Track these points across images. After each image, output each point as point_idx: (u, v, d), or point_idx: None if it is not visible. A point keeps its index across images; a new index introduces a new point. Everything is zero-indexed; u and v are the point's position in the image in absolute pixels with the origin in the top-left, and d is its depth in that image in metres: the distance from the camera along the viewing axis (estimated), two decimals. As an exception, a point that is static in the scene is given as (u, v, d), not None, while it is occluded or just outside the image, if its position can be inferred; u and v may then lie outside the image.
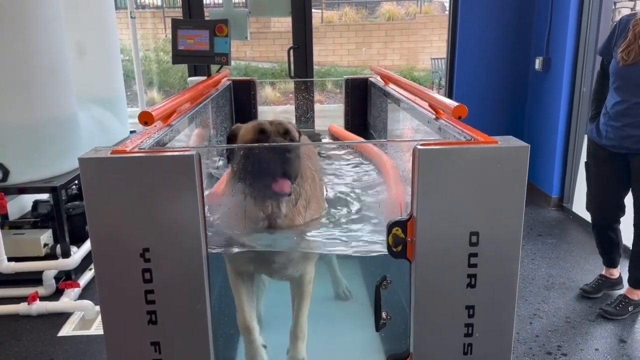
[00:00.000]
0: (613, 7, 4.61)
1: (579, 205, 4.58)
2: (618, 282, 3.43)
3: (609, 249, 3.33)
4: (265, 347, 1.78)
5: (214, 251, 1.53)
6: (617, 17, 4.73)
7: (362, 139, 2.86)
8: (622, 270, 3.42)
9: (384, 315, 1.34)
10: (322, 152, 2.39)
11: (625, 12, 4.78)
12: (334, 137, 2.95)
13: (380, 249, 1.41)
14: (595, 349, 2.88)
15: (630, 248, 3.19)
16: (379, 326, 1.34)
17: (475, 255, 1.21)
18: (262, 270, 1.82)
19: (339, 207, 1.83)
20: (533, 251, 4.07)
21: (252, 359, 1.75)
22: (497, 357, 1.29)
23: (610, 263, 3.38)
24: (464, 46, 5.10)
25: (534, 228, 4.51)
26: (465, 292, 1.23)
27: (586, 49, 4.47)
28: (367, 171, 2.20)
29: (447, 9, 5.99)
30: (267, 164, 1.53)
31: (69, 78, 3.59)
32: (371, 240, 1.58)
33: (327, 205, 1.83)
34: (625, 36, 2.94)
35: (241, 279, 1.75)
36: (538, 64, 4.92)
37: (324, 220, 1.74)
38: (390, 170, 1.92)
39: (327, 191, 1.94)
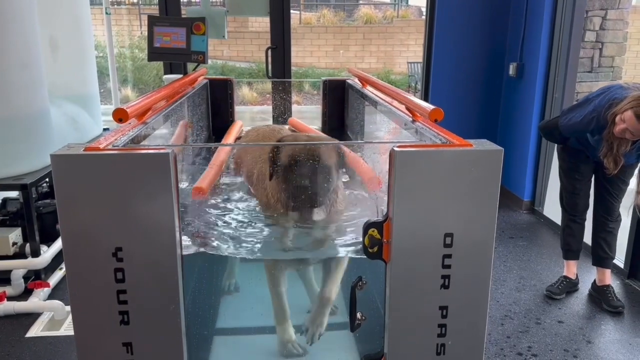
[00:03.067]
0: (585, 16, 4.71)
1: (550, 209, 4.67)
2: (577, 283, 3.58)
3: (578, 242, 3.50)
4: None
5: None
6: (589, 25, 4.85)
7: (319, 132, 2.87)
8: (578, 272, 3.60)
9: (359, 315, 1.35)
10: None
11: (597, 21, 4.89)
12: (293, 129, 2.94)
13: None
14: (565, 350, 2.94)
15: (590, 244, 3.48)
16: (353, 327, 1.35)
17: (449, 256, 1.22)
18: (297, 266, 1.90)
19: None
20: (505, 253, 4.13)
21: (287, 343, 1.86)
22: (469, 357, 1.31)
23: (576, 255, 3.54)
24: (440, 51, 5.16)
25: (506, 231, 4.58)
26: (439, 292, 1.24)
27: (559, 55, 4.56)
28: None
29: (424, 14, 6.05)
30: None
31: (42, 74, 3.52)
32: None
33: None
34: (600, 137, 2.95)
35: (278, 275, 1.83)
36: (512, 69, 5.01)
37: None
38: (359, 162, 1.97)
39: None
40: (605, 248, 3.38)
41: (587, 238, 3.51)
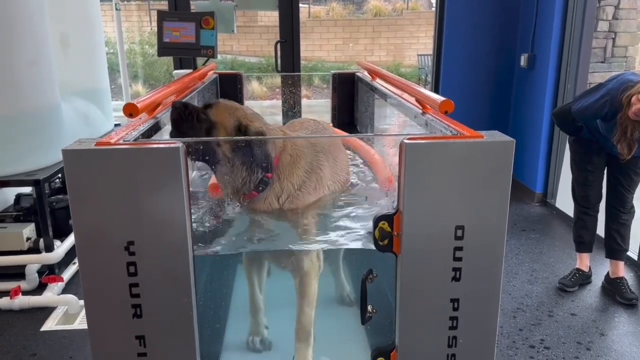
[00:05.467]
0: (597, 5, 4.65)
1: (563, 201, 4.63)
2: (589, 276, 3.56)
3: (590, 234, 3.47)
4: (267, 327, 1.97)
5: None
6: (602, 15, 4.79)
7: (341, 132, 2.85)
8: (591, 264, 3.58)
9: (369, 308, 1.35)
10: None
11: (610, 10, 4.83)
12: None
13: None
14: (577, 342, 2.93)
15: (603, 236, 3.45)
16: (364, 319, 1.35)
17: (460, 249, 1.22)
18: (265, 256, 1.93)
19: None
20: (517, 246, 4.11)
21: (255, 334, 1.95)
22: (481, 350, 1.30)
23: (589, 247, 3.51)
24: (450, 43, 5.13)
25: (518, 223, 4.55)
26: (450, 285, 1.24)
27: (571, 46, 4.51)
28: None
29: (434, 5, 6.01)
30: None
31: (53, 70, 3.54)
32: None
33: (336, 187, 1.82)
34: (614, 123, 2.91)
35: (251, 264, 1.94)
36: (523, 60, 4.96)
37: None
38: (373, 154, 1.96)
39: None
40: (618, 240, 3.35)
41: (600, 230, 3.48)
